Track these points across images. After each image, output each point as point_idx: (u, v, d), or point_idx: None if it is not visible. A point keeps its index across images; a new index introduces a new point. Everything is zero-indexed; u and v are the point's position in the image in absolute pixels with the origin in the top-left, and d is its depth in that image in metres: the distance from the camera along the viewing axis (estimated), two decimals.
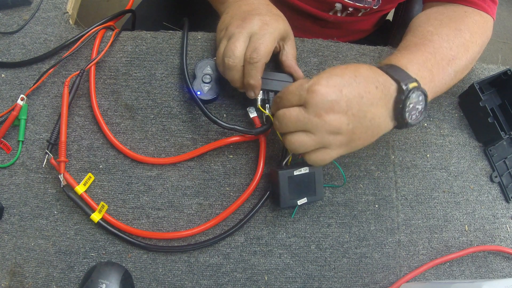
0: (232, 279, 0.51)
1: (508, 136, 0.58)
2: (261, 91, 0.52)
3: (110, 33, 0.58)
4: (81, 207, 0.50)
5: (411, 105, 0.45)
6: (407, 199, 0.56)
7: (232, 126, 0.50)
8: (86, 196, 0.51)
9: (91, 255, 0.51)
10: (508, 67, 0.59)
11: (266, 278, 0.51)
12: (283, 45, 0.53)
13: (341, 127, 0.43)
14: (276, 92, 0.52)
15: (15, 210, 0.51)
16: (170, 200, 0.53)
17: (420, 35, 0.53)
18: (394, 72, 0.46)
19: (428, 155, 0.58)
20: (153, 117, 0.55)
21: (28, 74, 0.56)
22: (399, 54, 0.50)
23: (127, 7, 0.62)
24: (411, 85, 0.44)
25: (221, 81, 0.53)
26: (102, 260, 0.50)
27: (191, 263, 0.51)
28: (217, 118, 0.50)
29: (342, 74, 0.43)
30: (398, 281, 0.52)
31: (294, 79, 0.53)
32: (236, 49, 0.47)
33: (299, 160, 0.51)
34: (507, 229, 0.57)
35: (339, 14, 0.70)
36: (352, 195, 0.55)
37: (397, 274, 0.53)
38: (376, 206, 0.55)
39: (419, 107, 0.45)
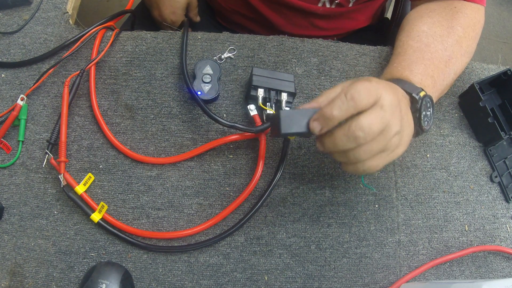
0: (232, 279, 0.51)
1: (508, 136, 0.58)
2: (263, 90, 0.52)
3: (110, 33, 0.58)
4: (81, 207, 0.50)
5: (423, 113, 0.46)
6: (407, 199, 0.56)
7: (232, 124, 0.50)
8: (86, 196, 0.51)
9: (91, 255, 0.51)
10: (508, 67, 0.59)
11: (266, 278, 0.51)
12: None
13: (399, 128, 0.40)
14: (277, 91, 0.53)
15: (15, 210, 0.51)
16: (170, 200, 0.53)
17: (416, 37, 0.54)
18: (402, 85, 0.47)
19: (428, 155, 0.58)
20: (153, 117, 0.55)
21: (28, 74, 0.56)
22: (400, 67, 0.51)
23: (127, 7, 0.62)
24: (421, 94, 0.46)
25: (221, 81, 0.53)
26: (102, 260, 0.50)
27: (191, 263, 0.51)
28: (217, 116, 0.50)
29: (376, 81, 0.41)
30: (398, 281, 0.52)
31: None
32: None
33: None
34: (507, 229, 0.57)
35: (328, 5, 0.69)
36: (352, 195, 0.55)
37: (397, 274, 0.53)
38: (376, 206, 0.55)
39: (429, 113, 0.47)
